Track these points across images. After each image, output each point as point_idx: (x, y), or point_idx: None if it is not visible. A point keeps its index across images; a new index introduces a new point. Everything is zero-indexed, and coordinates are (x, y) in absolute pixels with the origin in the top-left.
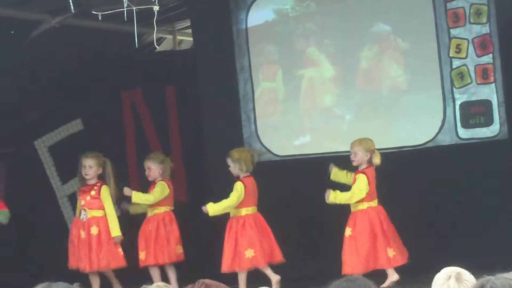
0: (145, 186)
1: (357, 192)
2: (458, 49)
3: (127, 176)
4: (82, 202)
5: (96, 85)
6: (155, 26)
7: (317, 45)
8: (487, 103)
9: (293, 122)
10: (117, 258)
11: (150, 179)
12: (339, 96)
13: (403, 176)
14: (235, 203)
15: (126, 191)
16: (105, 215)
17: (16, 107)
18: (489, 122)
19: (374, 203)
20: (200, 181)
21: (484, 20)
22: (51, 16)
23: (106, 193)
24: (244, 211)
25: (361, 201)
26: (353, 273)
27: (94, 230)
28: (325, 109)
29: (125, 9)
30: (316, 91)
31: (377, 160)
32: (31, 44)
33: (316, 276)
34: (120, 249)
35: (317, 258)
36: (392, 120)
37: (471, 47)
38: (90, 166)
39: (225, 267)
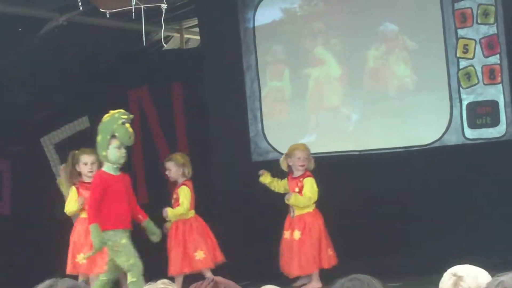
0: (151, 185)
1: (313, 195)
2: (465, 49)
3: (134, 174)
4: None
5: (103, 83)
6: (163, 24)
7: (324, 44)
8: (493, 104)
9: (299, 121)
10: None
11: (171, 179)
12: (345, 95)
13: (410, 175)
14: (188, 207)
15: (164, 212)
16: None
17: (23, 104)
18: (495, 122)
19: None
20: (206, 179)
21: (492, 20)
22: (59, 14)
23: None
24: (190, 214)
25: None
26: (300, 275)
27: None
28: (331, 108)
29: (133, 7)
30: (323, 90)
31: (312, 165)
32: (39, 42)
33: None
34: None
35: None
36: (399, 120)
37: (478, 48)
38: (92, 163)
39: (173, 270)
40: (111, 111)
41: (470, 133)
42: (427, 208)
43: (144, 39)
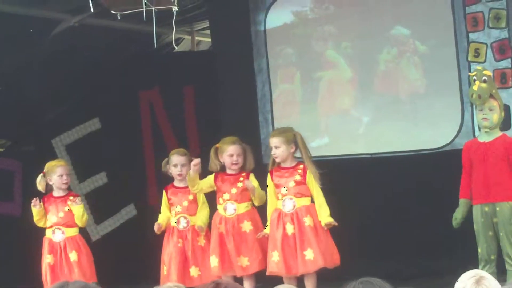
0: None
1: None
2: (477, 53)
3: (145, 177)
4: (178, 208)
5: (114, 85)
6: (174, 26)
7: (335, 48)
8: (505, 108)
9: (310, 124)
10: None
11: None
12: (356, 98)
13: (421, 179)
14: None
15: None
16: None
17: (34, 105)
18: (506, 126)
19: None
20: None
21: (503, 24)
22: (70, 15)
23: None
24: None
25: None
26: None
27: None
28: (342, 111)
29: (144, 9)
30: (334, 93)
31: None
32: (50, 43)
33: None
34: None
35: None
36: (410, 123)
37: (489, 52)
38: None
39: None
40: None
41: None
42: (438, 212)
43: (155, 41)
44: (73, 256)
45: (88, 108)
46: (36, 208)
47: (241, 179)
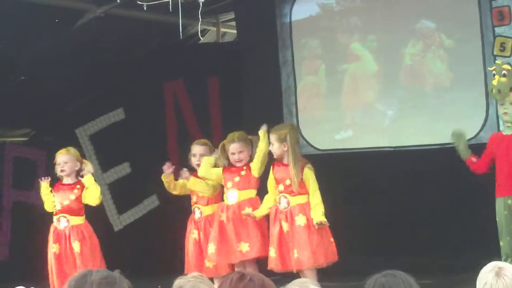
0: None
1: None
2: (502, 47)
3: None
4: (194, 198)
5: (139, 75)
6: (199, 17)
7: (360, 40)
8: None
9: (334, 116)
10: None
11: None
12: (381, 92)
13: (445, 173)
14: None
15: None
16: None
17: (58, 95)
18: None
19: None
20: None
21: None
22: (96, 6)
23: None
24: None
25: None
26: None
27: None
28: (367, 104)
29: (170, 0)
30: (358, 86)
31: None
32: (76, 33)
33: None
34: None
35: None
36: (435, 117)
37: None
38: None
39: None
40: None
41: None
42: (462, 206)
43: (180, 32)
44: (76, 246)
45: (113, 98)
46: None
47: (244, 167)
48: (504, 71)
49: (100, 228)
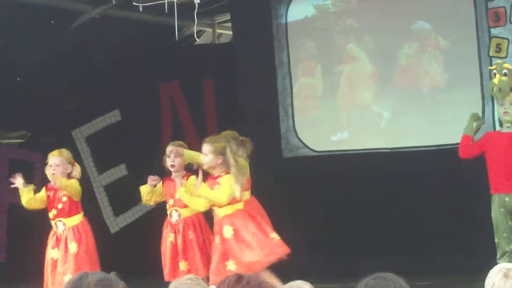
0: None
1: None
2: (498, 48)
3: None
4: (171, 201)
5: (135, 76)
6: (195, 19)
7: (356, 42)
8: None
9: (331, 118)
10: None
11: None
12: (377, 93)
13: (441, 174)
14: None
15: None
16: None
17: (54, 97)
18: None
19: None
20: None
21: None
22: (92, 7)
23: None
24: None
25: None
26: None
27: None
28: (363, 105)
29: (165, 1)
30: (354, 88)
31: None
32: (72, 35)
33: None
34: None
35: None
36: (430, 118)
37: (511, 47)
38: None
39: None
40: None
41: None
42: (458, 207)
43: (176, 33)
44: (72, 247)
45: (109, 100)
46: (20, 187)
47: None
48: (505, 70)
49: (96, 230)
